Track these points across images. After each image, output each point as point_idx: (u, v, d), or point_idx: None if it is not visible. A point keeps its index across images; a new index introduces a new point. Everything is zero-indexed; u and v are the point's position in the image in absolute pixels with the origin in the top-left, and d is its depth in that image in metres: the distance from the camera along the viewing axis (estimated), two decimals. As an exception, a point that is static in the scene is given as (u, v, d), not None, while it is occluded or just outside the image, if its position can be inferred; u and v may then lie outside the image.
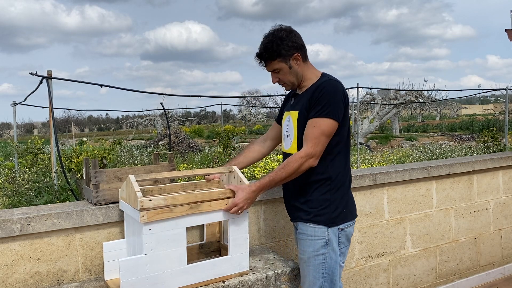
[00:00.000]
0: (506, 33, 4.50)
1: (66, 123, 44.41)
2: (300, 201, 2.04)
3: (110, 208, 2.02)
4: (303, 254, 2.03)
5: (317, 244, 1.98)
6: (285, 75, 2.01)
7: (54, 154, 4.26)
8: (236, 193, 1.88)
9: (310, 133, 1.92)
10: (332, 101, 1.91)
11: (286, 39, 1.95)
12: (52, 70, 4.04)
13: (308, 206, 2.01)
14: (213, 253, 2.20)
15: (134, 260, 1.72)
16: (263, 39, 2.00)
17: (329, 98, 1.91)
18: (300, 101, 2.04)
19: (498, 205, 3.65)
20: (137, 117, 30.93)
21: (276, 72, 2.02)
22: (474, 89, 13.90)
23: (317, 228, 1.98)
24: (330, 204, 1.99)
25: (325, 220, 1.98)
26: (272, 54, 1.96)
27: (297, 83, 2.06)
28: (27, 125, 56.19)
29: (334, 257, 2.00)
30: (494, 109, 37.28)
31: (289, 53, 1.96)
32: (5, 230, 1.82)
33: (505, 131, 8.24)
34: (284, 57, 1.97)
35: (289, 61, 1.98)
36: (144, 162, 8.76)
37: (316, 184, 1.99)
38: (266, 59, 1.99)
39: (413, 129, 31.82)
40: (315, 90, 1.96)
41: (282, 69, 2.00)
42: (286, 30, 1.98)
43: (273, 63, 1.99)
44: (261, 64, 2.04)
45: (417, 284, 3.22)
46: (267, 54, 1.97)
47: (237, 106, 32.79)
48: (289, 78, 2.03)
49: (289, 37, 1.96)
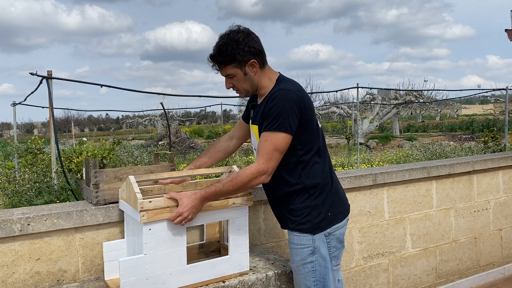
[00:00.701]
0: (506, 33, 4.50)
1: (66, 123, 44.40)
2: (286, 209, 1.97)
3: (110, 208, 2.02)
4: (292, 263, 1.99)
5: (303, 253, 1.92)
6: (240, 82, 1.88)
7: (54, 154, 4.26)
8: (180, 201, 1.75)
9: (262, 148, 1.79)
10: (283, 112, 1.77)
11: (242, 43, 1.80)
12: (52, 70, 4.04)
13: (292, 214, 1.94)
14: (213, 253, 2.20)
15: (134, 260, 1.72)
16: (218, 40, 1.84)
17: (279, 109, 1.77)
18: (258, 113, 1.91)
19: (498, 205, 3.65)
20: (137, 117, 30.94)
21: (230, 78, 1.88)
22: (474, 89, 13.90)
23: (302, 236, 1.91)
24: (312, 210, 1.91)
25: (308, 228, 1.90)
26: (226, 58, 1.81)
27: (252, 91, 1.93)
28: (27, 125, 56.18)
29: (323, 264, 1.92)
30: (494, 109, 37.29)
31: (245, 58, 1.81)
32: (5, 230, 1.82)
33: (505, 131, 8.24)
34: (239, 63, 1.82)
35: (244, 67, 1.83)
36: (144, 162, 8.76)
37: (294, 194, 1.92)
38: (220, 63, 1.85)
39: (413, 129, 31.80)
40: (267, 101, 1.83)
41: (236, 75, 1.86)
42: (243, 33, 1.83)
43: (227, 67, 1.85)
44: (214, 68, 1.89)
45: (417, 284, 3.22)
46: (221, 57, 1.82)
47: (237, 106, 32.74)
48: (244, 86, 1.89)
49: (245, 40, 1.81)
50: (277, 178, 1.91)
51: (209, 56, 1.87)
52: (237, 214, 1.95)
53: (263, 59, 1.89)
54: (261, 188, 2.44)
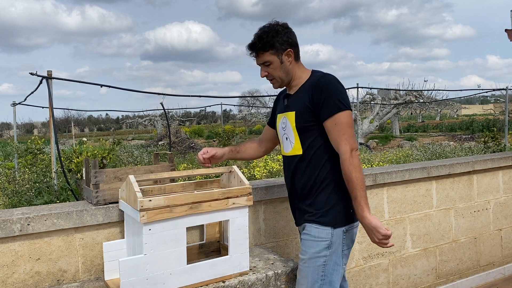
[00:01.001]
0: (506, 33, 4.50)
1: (66, 123, 44.39)
2: (306, 203, 1.99)
3: (110, 208, 2.02)
4: (304, 255, 1.97)
5: (320, 246, 1.92)
6: (275, 69, 1.96)
7: (54, 154, 4.26)
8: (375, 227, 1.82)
9: (336, 133, 1.85)
10: (338, 92, 1.87)
11: (282, 33, 1.92)
12: (52, 70, 4.05)
13: (314, 207, 1.96)
14: (213, 253, 2.20)
15: (134, 260, 1.72)
16: (258, 31, 1.96)
17: (333, 91, 1.87)
18: (295, 101, 1.98)
19: (498, 205, 3.65)
20: (137, 117, 30.91)
21: (266, 65, 1.97)
22: (474, 89, 13.90)
23: (321, 229, 1.92)
24: (335, 204, 1.94)
25: (329, 221, 1.92)
26: (265, 45, 1.92)
27: (286, 81, 2.01)
28: (27, 125, 56.17)
29: (335, 259, 1.94)
30: (494, 109, 37.26)
31: (283, 47, 1.92)
32: (5, 230, 1.82)
33: (505, 131, 8.24)
34: (277, 50, 1.92)
35: (281, 55, 1.93)
36: (144, 162, 8.76)
37: (321, 185, 1.94)
38: (259, 49, 1.94)
39: (413, 129, 31.81)
40: (314, 88, 1.90)
41: (273, 63, 1.95)
42: (283, 26, 1.95)
43: (265, 54, 1.94)
44: (252, 55, 1.99)
45: (417, 284, 3.22)
46: (260, 44, 1.92)
47: (237, 106, 32.74)
48: (279, 74, 1.97)
49: (284, 32, 1.93)
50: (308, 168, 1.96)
51: (248, 44, 1.97)
52: (237, 214, 1.95)
53: (298, 52, 1.99)
54: (261, 188, 2.44)
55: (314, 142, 1.93)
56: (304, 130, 1.94)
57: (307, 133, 1.93)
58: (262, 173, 5.78)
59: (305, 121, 1.92)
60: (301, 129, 1.94)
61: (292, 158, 2.01)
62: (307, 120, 1.92)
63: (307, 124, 1.92)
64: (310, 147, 1.94)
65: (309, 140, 1.94)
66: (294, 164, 2.00)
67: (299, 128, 1.95)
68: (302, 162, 1.97)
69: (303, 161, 1.96)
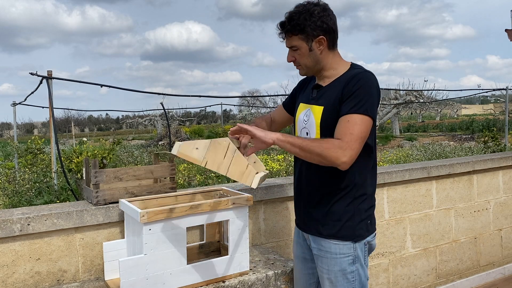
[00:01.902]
0: (506, 33, 4.50)
1: (66, 123, 44.40)
2: (320, 211, 1.79)
3: (110, 208, 2.02)
4: (328, 274, 1.78)
5: (343, 263, 1.75)
6: (303, 56, 1.74)
7: (54, 154, 4.26)
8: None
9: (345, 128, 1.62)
10: (369, 96, 1.65)
11: (316, 16, 1.68)
12: (52, 70, 4.05)
13: (331, 218, 1.76)
14: (213, 253, 2.20)
15: (134, 260, 1.72)
16: (292, 8, 1.72)
17: (366, 91, 1.65)
18: (325, 94, 1.76)
19: (498, 205, 3.65)
20: (137, 117, 30.90)
21: (294, 50, 1.75)
22: (474, 89, 13.90)
23: (342, 244, 1.74)
24: (355, 215, 1.75)
25: (350, 235, 1.74)
26: (295, 27, 1.69)
27: (314, 70, 1.79)
28: (27, 125, 56.18)
29: (363, 273, 1.78)
30: (494, 109, 37.26)
31: (314, 33, 1.69)
32: (5, 230, 1.82)
33: (505, 131, 8.24)
34: (307, 35, 1.70)
35: (311, 41, 1.70)
36: (144, 162, 8.75)
37: (341, 192, 1.75)
38: (287, 31, 1.72)
39: (413, 129, 31.80)
40: (348, 81, 1.68)
41: (301, 49, 1.73)
42: (321, 7, 1.71)
43: (293, 38, 1.72)
44: (281, 36, 1.76)
45: (417, 284, 3.22)
46: (290, 25, 1.70)
47: (237, 106, 32.71)
48: (306, 62, 1.76)
49: (320, 15, 1.69)
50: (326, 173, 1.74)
51: (279, 23, 1.74)
52: (237, 214, 1.95)
53: (333, 40, 1.75)
54: (261, 188, 2.44)
55: None
56: (328, 129, 1.71)
57: (332, 132, 1.69)
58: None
59: (333, 119, 1.70)
60: (325, 127, 1.73)
61: None
62: (335, 119, 1.69)
63: (334, 123, 1.69)
64: None
65: None
66: (309, 164, 1.75)
67: (323, 125, 1.73)
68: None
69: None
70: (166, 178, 2.19)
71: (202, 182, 5.22)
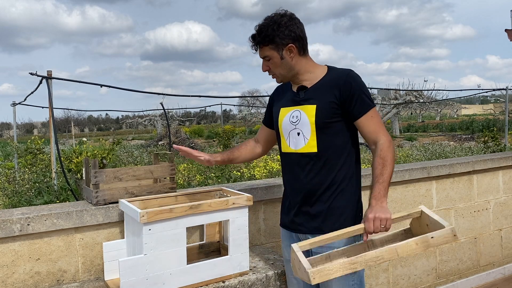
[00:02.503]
0: (506, 33, 4.50)
1: (66, 123, 44.39)
2: (320, 209, 1.83)
3: (110, 208, 2.02)
4: None
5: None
6: (276, 65, 1.84)
7: (54, 154, 4.26)
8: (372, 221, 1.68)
9: (375, 124, 1.79)
10: (366, 89, 1.82)
11: (284, 26, 1.78)
12: (52, 70, 4.05)
13: (332, 213, 1.81)
14: (213, 253, 2.20)
15: (134, 260, 1.72)
16: (261, 21, 1.83)
17: (363, 88, 1.80)
18: (315, 94, 1.82)
19: (498, 205, 3.65)
20: (137, 117, 30.91)
21: (267, 60, 1.84)
22: (474, 89, 13.91)
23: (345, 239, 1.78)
24: (353, 208, 1.84)
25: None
26: (265, 39, 1.79)
27: (288, 76, 1.87)
28: (27, 125, 56.18)
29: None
30: (494, 109, 37.27)
31: (284, 42, 1.78)
32: (5, 230, 1.82)
33: (505, 131, 8.24)
34: (276, 45, 1.79)
35: (281, 50, 1.80)
36: (144, 162, 8.76)
37: (339, 187, 1.82)
38: (258, 43, 1.82)
39: (413, 129, 31.81)
40: (343, 84, 1.78)
41: (273, 58, 1.82)
42: (287, 16, 1.80)
43: (264, 49, 1.81)
44: (253, 48, 1.87)
45: (417, 284, 3.22)
46: (260, 37, 1.80)
47: (237, 106, 32.74)
48: (279, 70, 1.85)
49: (288, 24, 1.78)
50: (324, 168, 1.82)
51: (250, 36, 1.85)
52: (237, 214, 1.94)
53: (303, 46, 1.84)
54: (261, 188, 2.44)
55: (332, 140, 1.81)
56: (324, 126, 1.80)
57: (326, 129, 1.80)
58: (262, 173, 5.77)
59: (329, 117, 1.79)
60: (321, 125, 1.80)
61: (303, 155, 1.85)
62: (330, 116, 1.79)
63: (329, 121, 1.79)
64: (327, 145, 1.81)
65: (327, 137, 1.81)
66: (306, 162, 1.84)
67: (319, 123, 1.80)
68: (317, 161, 1.82)
69: (318, 160, 1.82)
70: (166, 178, 2.19)
71: (202, 182, 5.22)
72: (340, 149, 1.82)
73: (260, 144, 2.16)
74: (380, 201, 1.70)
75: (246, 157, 2.15)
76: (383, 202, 1.71)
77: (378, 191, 1.72)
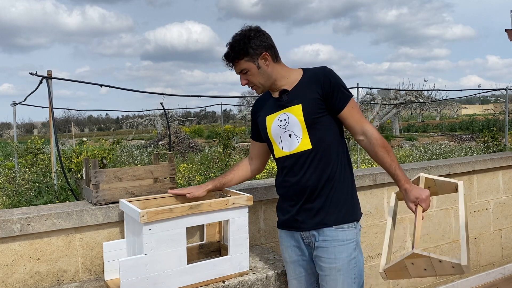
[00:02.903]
0: (506, 33, 4.49)
1: (66, 123, 44.40)
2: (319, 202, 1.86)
3: (110, 208, 2.02)
4: (335, 262, 1.84)
5: (349, 248, 1.85)
6: (254, 76, 1.89)
7: (54, 154, 4.26)
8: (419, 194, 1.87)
9: (356, 114, 1.88)
10: (342, 81, 1.89)
11: (254, 38, 1.86)
12: (52, 70, 4.05)
13: (335, 206, 1.86)
14: (213, 253, 2.20)
15: (134, 260, 1.72)
16: (231, 40, 1.90)
17: (340, 81, 1.88)
18: (298, 94, 1.88)
19: (498, 205, 3.65)
20: (137, 117, 30.91)
21: (244, 73, 1.90)
22: (474, 89, 13.90)
23: (348, 230, 1.85)
24: (352, 198, 1.91)
25: (353, 219, 1.88)
26: (239, 53, 1.85)
27: (267, 85, 1.93)
28: (27, 125, 56.19)
29: (361, 258, 1.90)
30: (494, 109, 37.25)
31: (257, 52, 1.85)
32: (5, 230, 1.82)
33: (505, 131, 8.24)
34: (251, 56, 1.86)
35: (257, 60, 1.86)
36: (144, 162, 8.76)
37: (337, 179, 1.87)
38: (233, 58, 1.88)
39: (413, 129, 31.82)
40: (323, 80, 1.84)
41: (250, 70, 1.88)
42: (254, 30, 1.89)
43: (240, 63, 1.87)
44: (229, 66, 1.93)
45: (417, 284, 3.22)
46: (234, 53, 1.86)
47: (237, 106, 32.73)
48: (258, 79, 1.90)
49: (257, 36, 1.87)
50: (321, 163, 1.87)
51: (224, 55, 1.91)
52: (237, 214, 1.95)
53: (275, 53, 1.92)
54: (261, 188, 2.44)
55: (324, 135, 1.86)
56: (313, 122, 1.85)
57: (316, 125, 1.85)
58: (262, 173, 5.78)
59: (316, 113, 1.85)
60: (310, 122, 1.85)
61: (299, 155, 1.87)
62: (317, 112, 1.85)
63: (317, 116, 1.85)
64: (321, 140, 1.86)
65: (318, 133, 1.86)
66: (303, 160, 1.87)
67: (308, 120, 1.85)
68: (314, 157, 1.86)
69: (315, 156, 1.85)
70: (166, 178, 2.19)
71: (202, 182, 5.22)
72: (332, 142, 1.89)
73: (254, 160, 2.16)
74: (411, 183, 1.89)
75: (241, 177, 2.14)
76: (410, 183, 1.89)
77: (403, 176, 1.88)
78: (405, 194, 1.88)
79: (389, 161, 1.85)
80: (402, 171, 1.87)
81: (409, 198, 1.88)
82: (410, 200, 1.87)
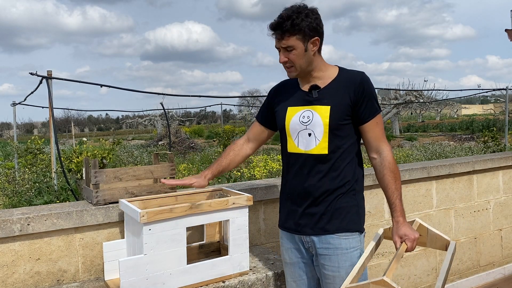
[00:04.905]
0: (506, 33, 4.49)
1: (66, 123, 44.41)
2: (324, 209, 1.80)
3: (110, 208, 2.02)
4: (338, 271, 1.78)
5: (353, 257, 1.79)
6: (298, 57, 1.74)
7: (54, 154, 4.26)
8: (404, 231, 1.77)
9: (378, 131, 1.80)
10: (375, 93, 1.81)
11: (312, 18, 1.71)
12: (52, 70, 4.05)
13: (338, 213, 1.79)
14: (213, 253, 2.20)
15: (134, 260, 1.72)
16: (285, 10, 1.72)
17: (374, 92, 1.80)
18: (329, 94, 1.78)
19: (498, 205, 3.65)
20: (137, 117, 30.91)
21: (289, 51, 1.74)
22: (474, 89, 13.90)
23: (351, 238, 1.79)
24: (358, 207, 1.83)
25: (357, 227, 1.81)
26: (294, 26, 1.68)
27: (306, 71, 1.79)
28: (27, 125, 56.20)
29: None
30: (494, 109, 37.27)
31: (311, 33, 1.71)
32: (5, 230, 1.82)
33: (505, 131, 8.24)
34: (304, 36, 1.70)
35: (307, 42, 1.72)
36: (144, 162, 8.76)
37: (344, 187, 1.80)
38: (286, 31, 1.69)
39: (413, 129, 31.81)
40: (358, 86, 1.75)
41: (297, 49, 1.72)
42: (313, 11, 1.73)
43: (290, 38, 1.71)
44: (274, 37, 1.76)
45: (417, 284, 3.22)
46: (289, 25, 1.68)
47: (237, 106, 32.76)
48: (300, 62, 1.75)
49: (315, 17, 1.72)
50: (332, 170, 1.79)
51: (275, 23, 1.73)
52: (237, 214, 1.95)
53: (322, 43, 1.80)
54: (261, 188, 2.44)
55: (342, 143, 1.78)
56: (337, 128, 1.76)
57: (338, 131, 1.76)
58: (262, 173, 5.78)
59: (342, 119, 1.76)
60: (334, 127, 1.75)
61: (313, 157, 1.79)
62: (343, 118, 1.76)
63: (342, 123, 1.76)
64: (337, 147, 1.77)
65: (337, 140, 1.77)
66: (316, 164, 1.79)
67: (333, 125, 1.75)
68: (325, 163, 1.78)
69: (326, 162, 1.78)
70: (166, 178, 2.19)
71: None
72: (347, 151, 1.80)
73: (251, 143, 2.06)
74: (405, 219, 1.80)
75: (238, 162, 2.05)
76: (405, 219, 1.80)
77: (401, 208, 1.79)
78: (395, 226, 1.78)
79: (393, 188, 1.78)
80: (401, 203, 1.79)
81: (397, 232, 1.77)
82: (398, 234, 1.77)
